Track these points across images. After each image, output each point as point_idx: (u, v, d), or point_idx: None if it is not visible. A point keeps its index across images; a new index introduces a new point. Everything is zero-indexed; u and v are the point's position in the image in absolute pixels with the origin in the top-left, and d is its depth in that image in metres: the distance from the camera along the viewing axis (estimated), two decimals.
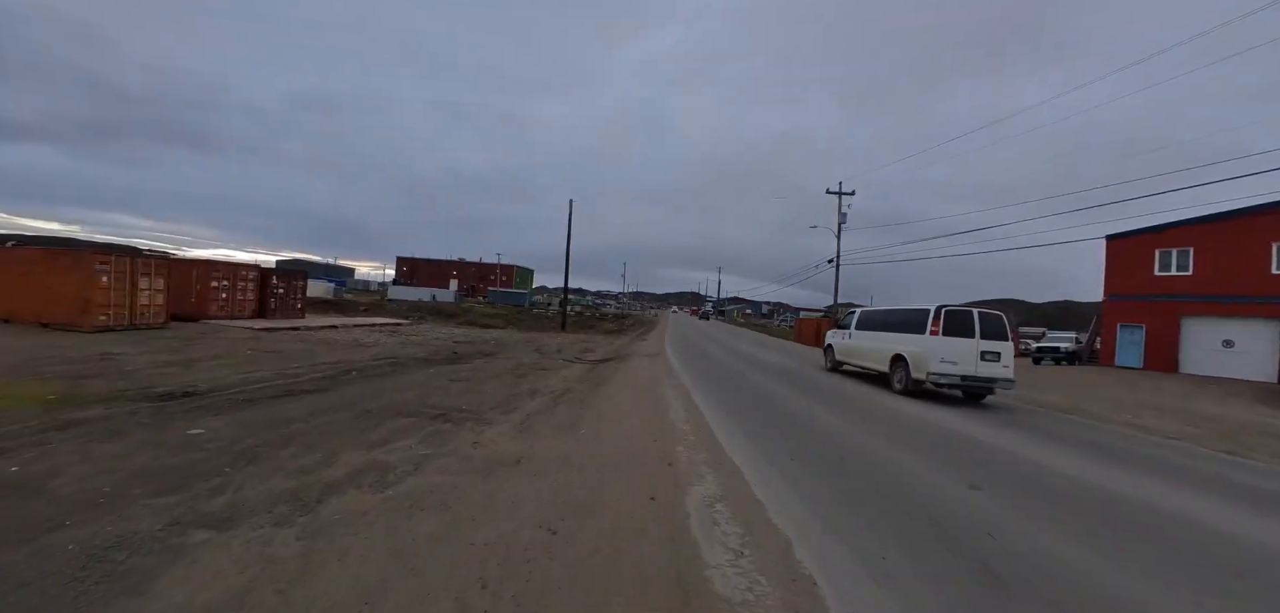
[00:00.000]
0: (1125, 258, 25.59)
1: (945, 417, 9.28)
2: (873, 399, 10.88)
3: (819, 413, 8.81)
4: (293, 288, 25.19)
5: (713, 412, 8.09)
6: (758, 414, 8.21)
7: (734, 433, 6.70)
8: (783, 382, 12.72)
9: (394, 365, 13.14)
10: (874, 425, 7.99)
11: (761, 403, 9.24)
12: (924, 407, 10.32)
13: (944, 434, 7.61)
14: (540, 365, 14.94)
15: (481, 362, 15.09)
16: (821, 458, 5.92)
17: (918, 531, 4.00)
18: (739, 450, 5.94)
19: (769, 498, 4.55)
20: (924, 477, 5.45)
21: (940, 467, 5.86)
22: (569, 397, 9.38)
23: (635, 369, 13.47)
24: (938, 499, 4.75)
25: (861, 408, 9.69)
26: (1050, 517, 4.55)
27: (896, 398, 11.15)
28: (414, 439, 6.44)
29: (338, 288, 75.17)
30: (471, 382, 11.28)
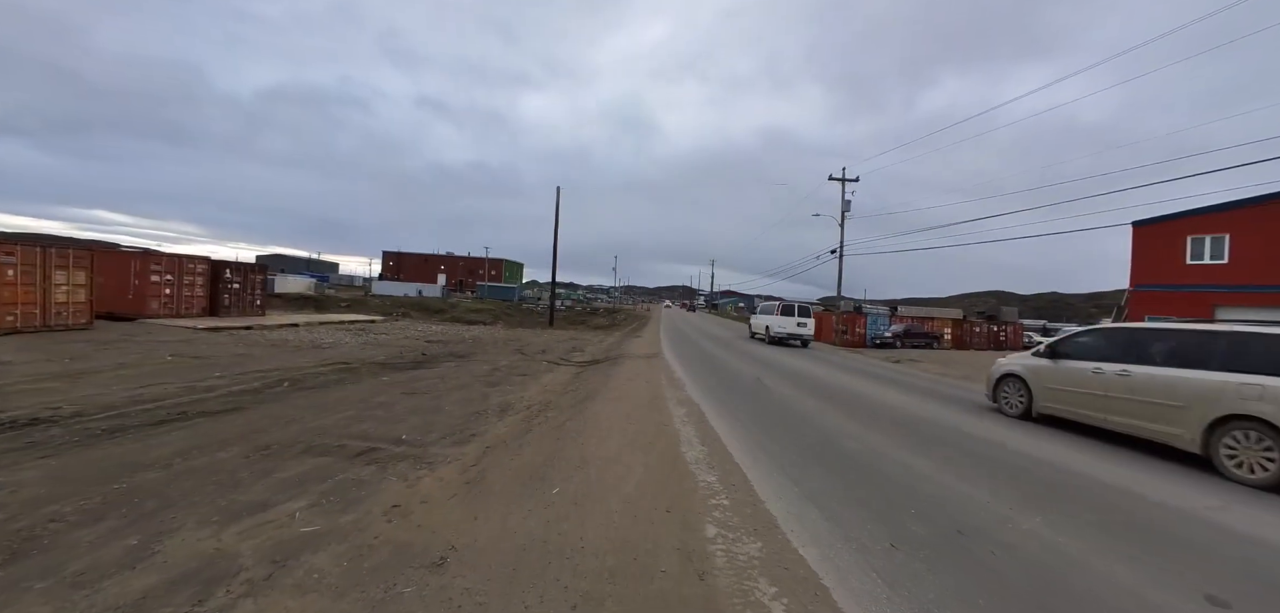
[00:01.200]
0: (1153, 245, 23.92)
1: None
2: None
3: (875, 440, 6.87)
4: (250, 282, 22.85)
5: (747, 452, 5.44)
6: (797, 441, 6.22)
7: (776, 477, 4.64)
8: (805, 391, 10.75)
9: (343, 374, 11.00)
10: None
11: (806, 434, 6.82)
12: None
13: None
14: (519, 370, 12.86)
15: (451, 366, 12.98)
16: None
17: None
18: (806, 524, 3.84)
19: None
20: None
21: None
22: (546, 418, 7.32)
23: (630, 376, 11.41)
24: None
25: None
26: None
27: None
28: (306, 501, 4.36)
29: (319, 283, 72.40)
30: (430, 394, 9.19)
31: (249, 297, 22.80)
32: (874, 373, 15.29)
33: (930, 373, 17.15)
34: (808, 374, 13.32)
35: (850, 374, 14.35)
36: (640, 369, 12.48)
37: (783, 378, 12.07)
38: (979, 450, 5.96)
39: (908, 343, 34.30)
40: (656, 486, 4.24)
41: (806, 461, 5.12)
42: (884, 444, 6.15)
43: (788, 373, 13.44)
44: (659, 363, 13.84)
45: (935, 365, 20.35)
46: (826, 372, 14.37)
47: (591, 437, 5.67)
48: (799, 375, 12.82)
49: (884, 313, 40.31)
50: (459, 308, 45.73)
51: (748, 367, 14.11)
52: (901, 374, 15.88)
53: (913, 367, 19.07)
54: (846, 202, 32.70)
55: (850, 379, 12.90)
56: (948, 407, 9.88)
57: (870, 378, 13.64)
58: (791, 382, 11.35)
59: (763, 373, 12.68)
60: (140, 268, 18.94)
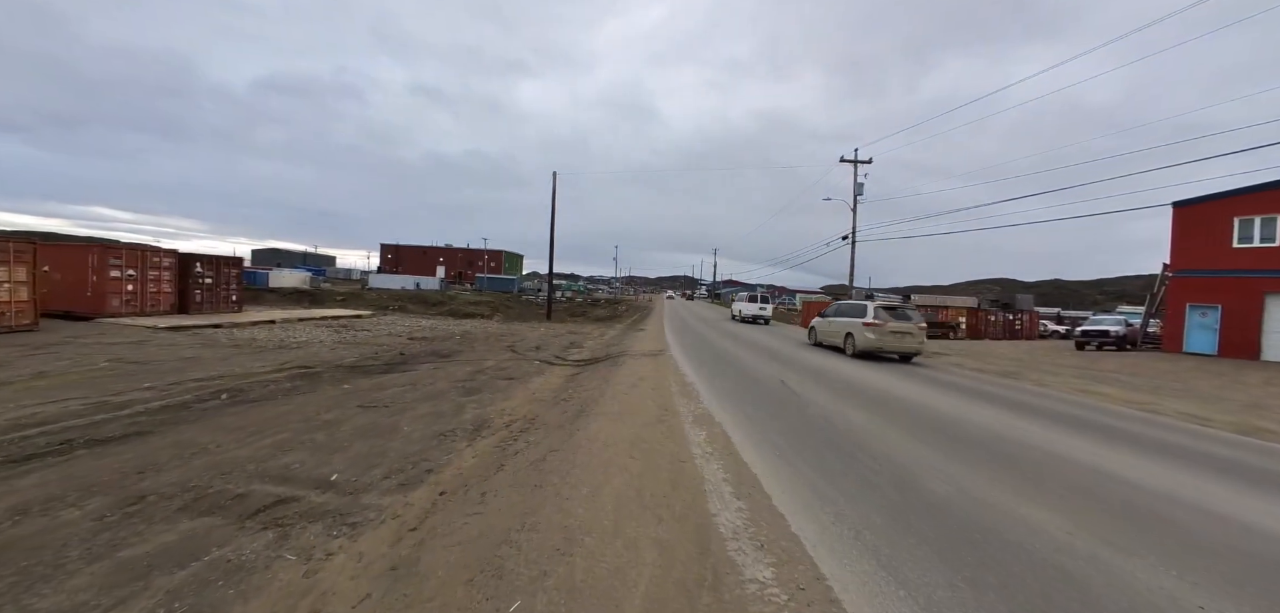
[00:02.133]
0: (1196, 228, 22.17)
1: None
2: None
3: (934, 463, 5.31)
4: (223, 276, 21.29)
5: (804, 508, 3.79)
6: (865, 484, 4.62)
7: (862, 562, 3.03)
8: (842, 398, 9.16)
9: (299, 381, 9.46)
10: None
11: (871, 471, 4.89)
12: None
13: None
14: (506, 372, 11.30)
15: (429, 368, 11.42)
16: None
17: None
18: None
19: None
20: None
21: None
22: (527, 442, 5.74)
23: (633, 379, 9.82)
24: None
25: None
26: None
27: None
28: (139, 610, 2.81)
29: (315, 277, 70.91)
30: (392, 407, 7.64)
31: (223, 292, 21.26)
32: (908, 371, 13.70)
33: (969, 369, 15.53)
34: (836, 374, 11.73)
35: (882, 372, 12.76)
36: (645, 370, 10.90)
37: (808, 378, 10.48)
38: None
39: (927, 333, 32.68)
40: (682, 598, 2.65)
41: (897, 529, 3.41)
42: (976, 482, 4.57)
43: (811, 372, 11.85)
44: (666, 362, 12.26)
45: (971, 360, 18.73)
46: (854, 370, 12.77)
47: (582, 482, 4.11)
48: (826, 376, 11.23)
49: (897, 302, 38.69)
50: (457, 301, 44.19)
51: (765, 365, 12.51)
52: (938, 372, 14.28)
53: (944, 362, 17.46)
54: (859, 184, 30.96)
55: (885, 380, 11.31)
56: (1010, 411, 8.28)
57: (908, 377, 12.04)
58: (821, 385, 9.76)
59: (784, 373, 11.09)
60: (98, 263, 17.39)
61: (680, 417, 6.33)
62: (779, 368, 12.07)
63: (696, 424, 5.97)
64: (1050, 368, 17.00)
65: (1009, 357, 21.21)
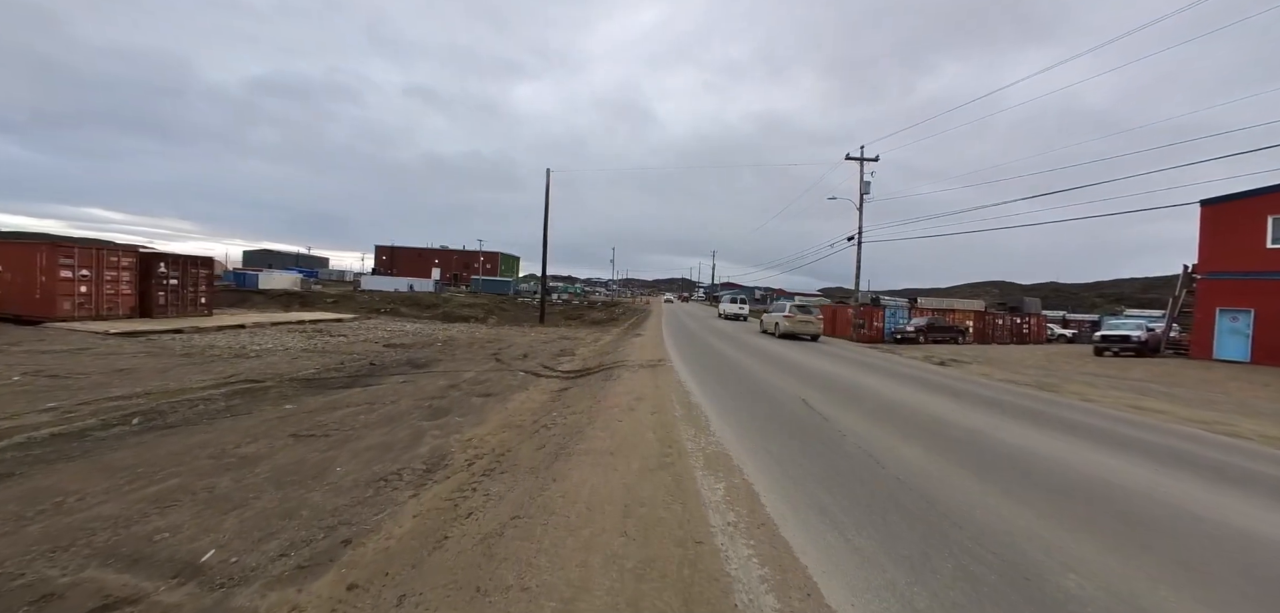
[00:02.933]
0: (1227, 227, 20.93)
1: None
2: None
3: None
4: (191, 277, 19.84)
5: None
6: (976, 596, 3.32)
7: None
8: (881, 424, 7.82)
9: (237, 399, 8.09)
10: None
11: (968, 554, 3.38)
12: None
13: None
14: (485, 387, 9.93)
15: (398, 381, 10.05)
16: None
17: None
18: None
19: None
20: None
21: None
22: (485, 499, 4.33)
23: (629, 399, 8.44)
24: None
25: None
26: None
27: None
28: None
29: (306, 279, 69.37)
30: (334, 436, 6.27)
31: (190, 294, 19.81)
32: (939, 383, 12.38)
33: (997, 379, 14.21)
34: (863, 390, 10.40)
35: (910, 385, 11.44)
36: (643, 385, 9.53)
37: (833, 397, 9.13)
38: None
39: (931, 338, 31.39)
40: None
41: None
42: (1111, 569, 3.24)
43: (829, 386, 10.52)
44: (666, 375, 10.90)
45: (993, 368, 17.42)
46: (879, 383, 11.45)
47: (548, 585, 2.73)
48: (854, 394, 9.88)
49: (902, 305, 37.34)
50: (451, 303, 42.73)
51: (779, 378, 11.15)
52: (969, 383, 12.98)
53: (968, 371, 16.16)
54: (866, 182, 29.68)
55: (920, 396, 9.98)
56: (1080, 440, 6.96)
57: (944, 393, 10.71)
58: (851, 407, 8.41)
59: (803, 389, 9.74)
60: (47, 262, 15.95)
61: (688, 456, 4.95)
62: (794, 382, 10.72)
63: (710, 469, 4.60)
64: (1079, 377, 15.71)
65: (1029, 363, 19.93)
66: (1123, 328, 25.34)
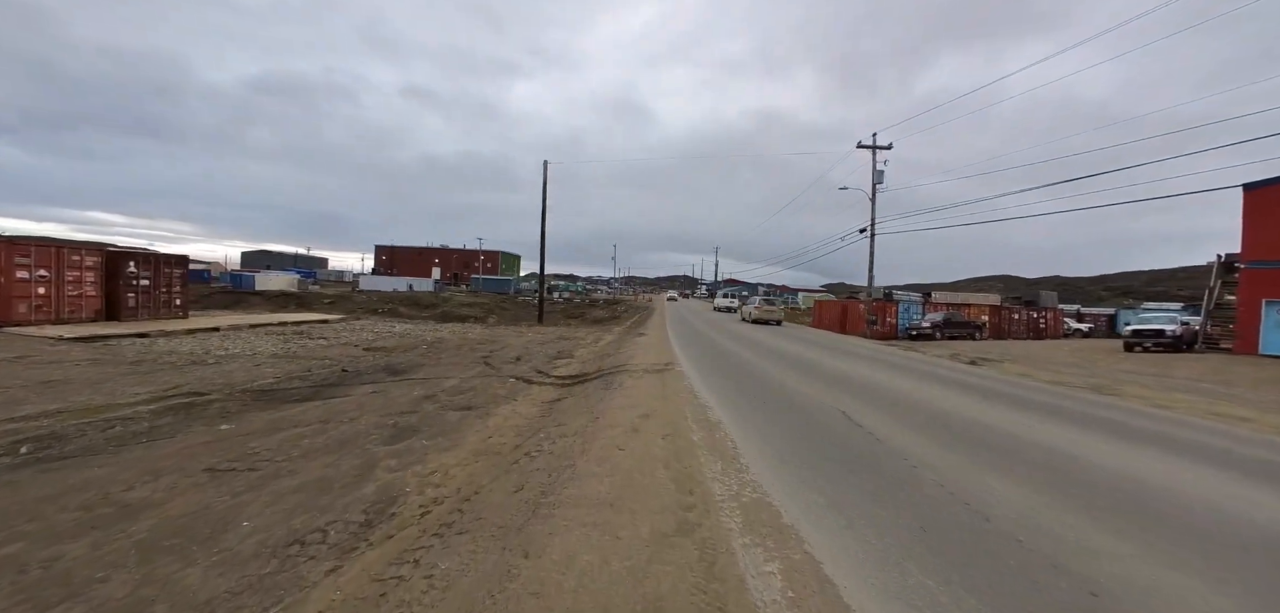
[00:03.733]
0: (1274, 213, 19.46)
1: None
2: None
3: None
4: (164, 277, 18.59)
5: None
6: None
7: None
8: (946, 445, 6.47)
9: (166, 418, 6.81)
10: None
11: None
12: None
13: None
14: (464, 399, 8.61)
15: (366, 393, 8.74)
16: None
17: None
18: None
19: None
20: None
21: None
22: (427, 591, 3.04)
23: (634, 416, 7.07)
24: None
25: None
26: None
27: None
28: None
29: (304, 280, 68.20)
30: (257, 472, 4.96)
31: (163, 295, 18.56)
32: (983, 387, 11.04)
33: (1041, 381, 12.84)
34: (902, 397, 9.05)
35: (953, 390, 10.10)
36: (649, 395, 8.20)
37: (874, 408, 7.77)
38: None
39: (947, 334, 30.00)
40: None
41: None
42: None
43: (875, 396, 9.17)
44: (675, 382, 9.56)
45: (1028, 366, 16.03)
46: (916, 387, 10.11)
47: None
48: (896, 402, 8.52)
49: (916, 300, 35.89)
50: (450, 303, 41.49)
51: (805, 384, 9.80)
52: (1013, 387, 11.63)
53: (1004, 370, 14.79)
54: (879, 171, 28.26)
55: (971, 404, 8.64)
56: (1193, 461, 5.63)
57: (994, 399, 9.36)
58: (900, 419, 7.04)
59: (836, 397, 8.40)
60: (4, 263, 14.70)
61: (717, 509, 3.55)
62: (822, 388, 9.37)
63: (754, 533, 3.16)
64: (1125, 376, 14.32)
65: (1061, 360, 18.54)
66: (1153, 321, 23.91)
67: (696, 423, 6.09)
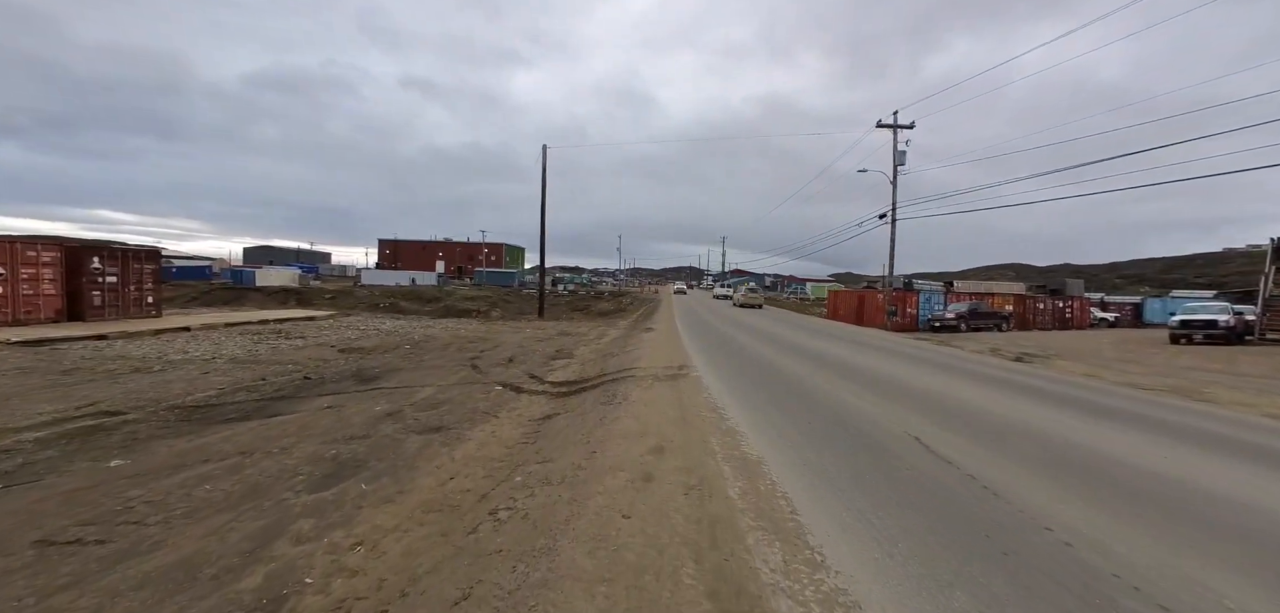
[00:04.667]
0: None
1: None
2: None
3: None
4: (133, 274, 17.23)
5: None
6: None
7: None
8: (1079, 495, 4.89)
9: (52, 449, 5.37)
10: None
11: None
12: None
13: None
14: (434, 418, 7.10)
15: (323, 406, 7.25)
16: None
17: None
18: None
19: None
20: None
21: None
22: None
23: (645, 447, 5.48)
24: None
25: None
26: None
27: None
28: None
29: (305, 275, 67.09)
30: (110, 548, 3.46)
31: (133, 292, 17.21)
32: (1050, 392, 9.47)
33: (1110, 381, 11.21)
34: (973, 409, 7.47)
35: (1025, 399, 8.54)
36: (663, 417, 6.65)
37: (950, 429, 6.17)
38: None
39: (972, 325, 28.24)
40: None
41: None
42: None
43: (943, 411, 7.58)
44: (692, 391, 8.00)
45: (1076, 365, 14.36)
46: (983, 396, 8.53)
47: None
48: (970, 418, 6.94)
49: (937, 289, 34.03)
50: (453, 297, 40.12)
51: (851, 395, 8.17)
52: (1078, 386, 10.05)
53: (1055, 368, 13.15)
54: (901, 152, 26.45)
55: (1054, 417, 7.08)
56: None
57: (1077, 410, 7.77)
58: (990, 446, 5.45)
59: (897, 413, 6.82)
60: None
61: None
62: (873, 398, 7.79)
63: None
64: (1196, 374, 12.62)
65: (1112, 356, 16.84)
66: (1206, 311, 22.10)
67: (729, 463, 4.54)
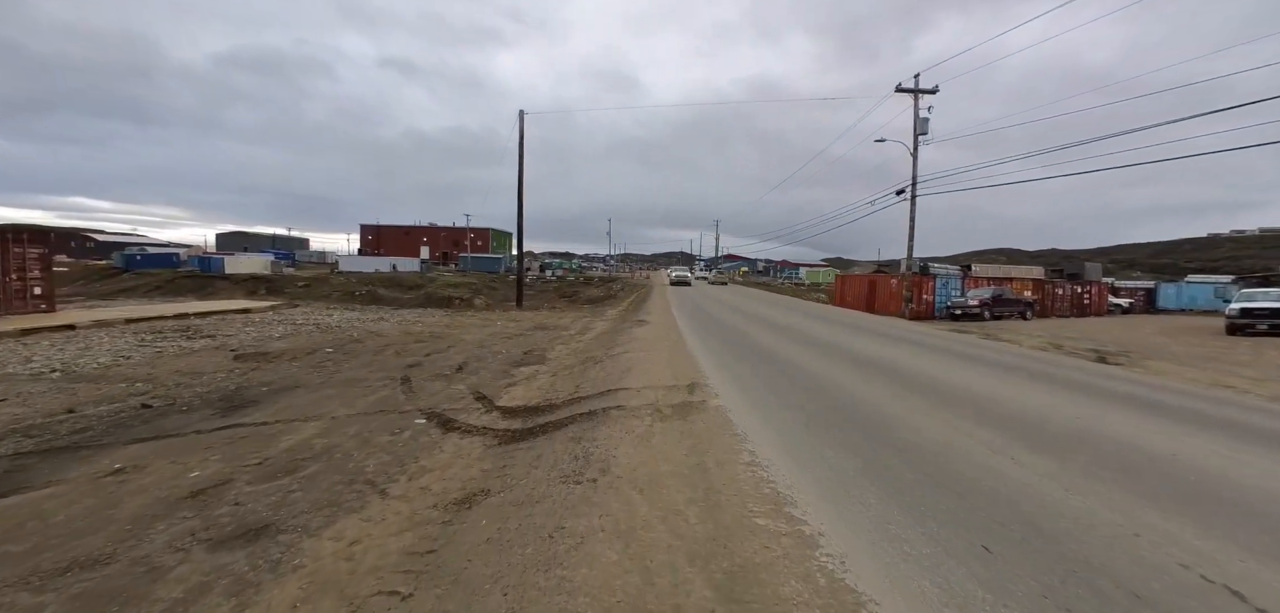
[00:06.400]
0: None
1: None
2: None
3: None
4: (14, 260, 14.08)
5: None
6: None
7: None
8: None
9: None
10: None
11: None
12: None
13: None
14: (260, 509, 4.25)
15: (115, 470, 4.38)
16: None
17: None
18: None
19: None
20: None
21: None
22: None
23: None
24: None
25: None
26: None
27: None
28: None
29: (278, 261, 63.42)
30: None
31: (15, 282, 14.08)
32: (1190, 411, 6.77)
33: (1246, 394, 8.56)
34: (1144, 459, 4.71)
35: (1173, 424, 5.83)
36: (674, 524, 3.84)
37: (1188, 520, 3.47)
38: None
39: (996, 312, 25.75)
40: None
41: None
42: None
43: (1125, 466, 4.87)
44: (716, 437, 5.15)
45: (1176, 365, 11.73)
46: (1127, 427, 5.83)
47: None
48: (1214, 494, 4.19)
49: (954, 274, 31.46)
50: (435, 283, 37.07)
51: (958, 435, 5.44)
52: (1201, 396, 7.36)
53: (1145, 371, 10.51)
54: (923, 120, 23.66)
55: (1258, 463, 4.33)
56: None
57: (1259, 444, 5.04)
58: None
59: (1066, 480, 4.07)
60: None
61: None
62: (986, 434, 5.04)
63: None
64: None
65: (1182, 352, 14.28)
66: (1265, 299, 19.69)
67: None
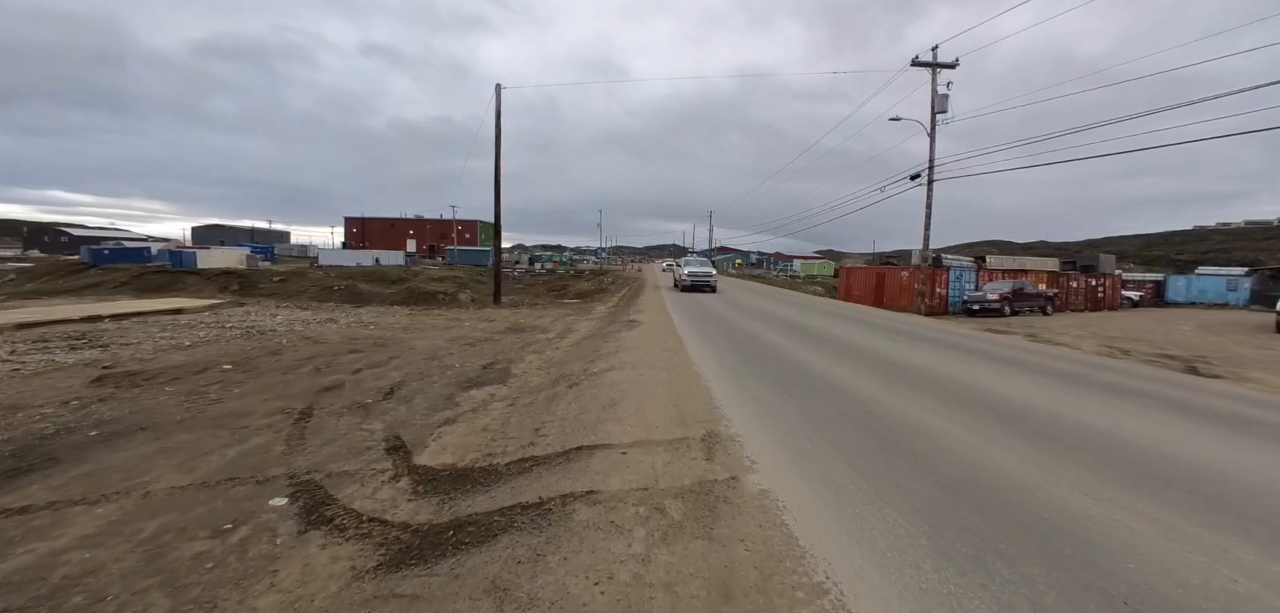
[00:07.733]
0: None
1: None
2: None
3: None
4: None
5: None
6: None
7: None
8: None
9: None
10: None
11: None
12: None
13: None
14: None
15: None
16: None
17: None
18: None
19: None
20: None
21: None
22: None
23: None
24: None
25: None
26: None
27: None
28: None
29: (254, 255, 60.52)
30: None
31: None
32: None
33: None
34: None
35: None
36: None
37: None
38: None
39: (1016, 307, 23.85)
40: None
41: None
42: None
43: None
44: (764, 541, 3.02)
45: (1232, 369, 9.70)
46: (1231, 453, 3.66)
47: None
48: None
49: (968, 265, 29.50)
50: (420, 277, 34.58)
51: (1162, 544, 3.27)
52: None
53: (1258, 387, 8.45)
54: (943, 97, 21.55)
55: None
56: None
57: None
58: None
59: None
60: None
61: None
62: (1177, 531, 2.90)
63: None
64: None
65: (1253, 356, 12.33)
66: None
67: None
